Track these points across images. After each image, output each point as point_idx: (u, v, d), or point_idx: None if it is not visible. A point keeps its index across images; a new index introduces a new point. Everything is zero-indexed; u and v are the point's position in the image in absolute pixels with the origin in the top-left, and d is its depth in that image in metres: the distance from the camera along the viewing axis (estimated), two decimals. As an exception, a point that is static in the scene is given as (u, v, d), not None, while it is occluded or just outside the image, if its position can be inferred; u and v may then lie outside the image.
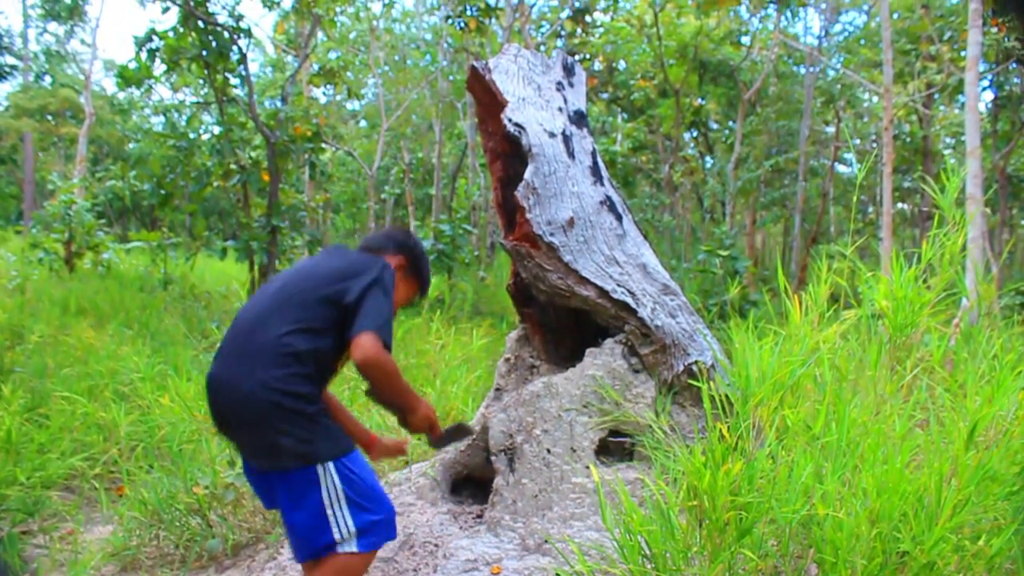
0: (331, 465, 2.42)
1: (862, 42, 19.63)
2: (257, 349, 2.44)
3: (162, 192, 10.23)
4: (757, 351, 2.47)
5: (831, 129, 21.26)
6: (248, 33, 9.28)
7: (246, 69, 9.58)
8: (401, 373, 2.52)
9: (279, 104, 10.13)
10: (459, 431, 2.87)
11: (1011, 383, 2.31)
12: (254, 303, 2.60)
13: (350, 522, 2.43)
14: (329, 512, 2.41)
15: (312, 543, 2.46)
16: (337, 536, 2.42)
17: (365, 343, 2.36)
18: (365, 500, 2.46)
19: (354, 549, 2.44)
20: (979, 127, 6.84)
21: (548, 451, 3.23)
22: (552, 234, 3.20)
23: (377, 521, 2.47)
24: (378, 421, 4.64)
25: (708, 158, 24.13)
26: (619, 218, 3.42)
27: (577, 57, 17.68)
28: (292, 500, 2.45)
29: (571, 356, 3.56)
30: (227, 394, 2.46)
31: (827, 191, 15.44)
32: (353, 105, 24.75)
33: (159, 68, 9.33)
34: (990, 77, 14.29)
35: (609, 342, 3.32)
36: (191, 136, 10.22)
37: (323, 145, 10.43)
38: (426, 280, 2.90)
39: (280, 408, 2.38)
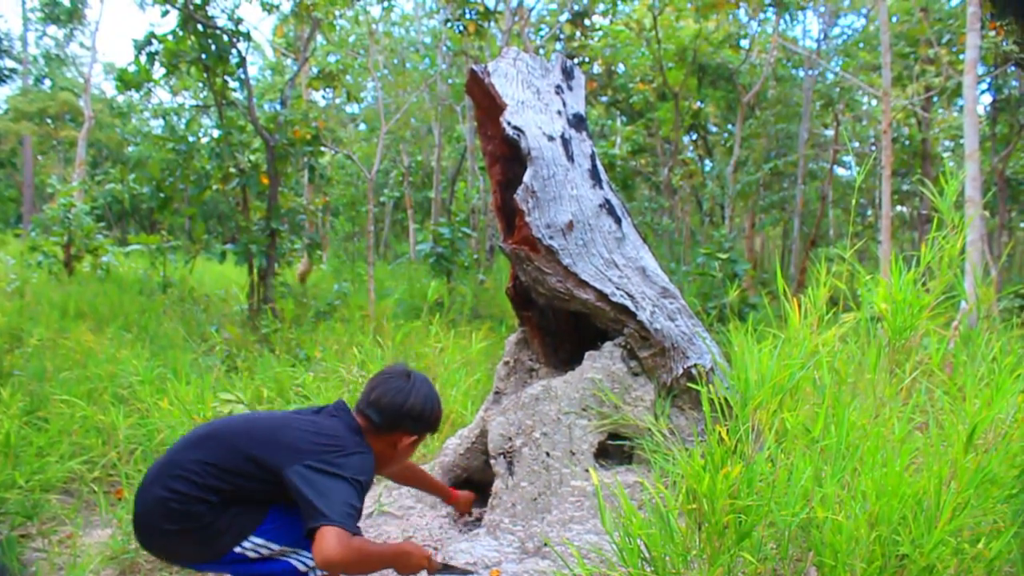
0: (246, 541, 2.43)
1: (861, 45, 19.67)
2: (171, 463, 2.45)
3: (161, 195, 10.23)
4: (756, 354, 2.47)
5: (830, 132, 21.28)
6: (247, 36, 9.28)
7: (245, 72, 9.58)
8: (368, 550, 2.34)
9: (278, 107, 10.12)
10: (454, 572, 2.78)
11: (1010, 386, 2.31)
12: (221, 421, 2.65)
13: (302, 554, 2.48)
14: (270, 563, 2.46)
15: None
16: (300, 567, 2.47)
17: (324, 543, 2.19)
18: (297, 531, 2.39)
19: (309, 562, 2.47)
20: (978, 130, 6.85)
21: (547, 454, 3.23)
22: (551, 237, 3.20)
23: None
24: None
25: (707, 161, 24.14)
26: (618, 221, 3.42)
27: (576, 60, 17.70)
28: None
29: (570, 359, 3.57)
30: (137, 504, 2.46)
31: (826, 194, 15.43)
32: (352, 108, 24.79)
33: (158, 71, 9.33)
34: (989, 80, 14.30)
35: (608, 345, 3.32)
36: (190, 139, 10.21)
37: (322, 148, 10.42)
38: (436, 428, 2.75)
39: (168, 527, 2.37)
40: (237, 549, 2.41)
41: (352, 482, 2.36)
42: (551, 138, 3.36)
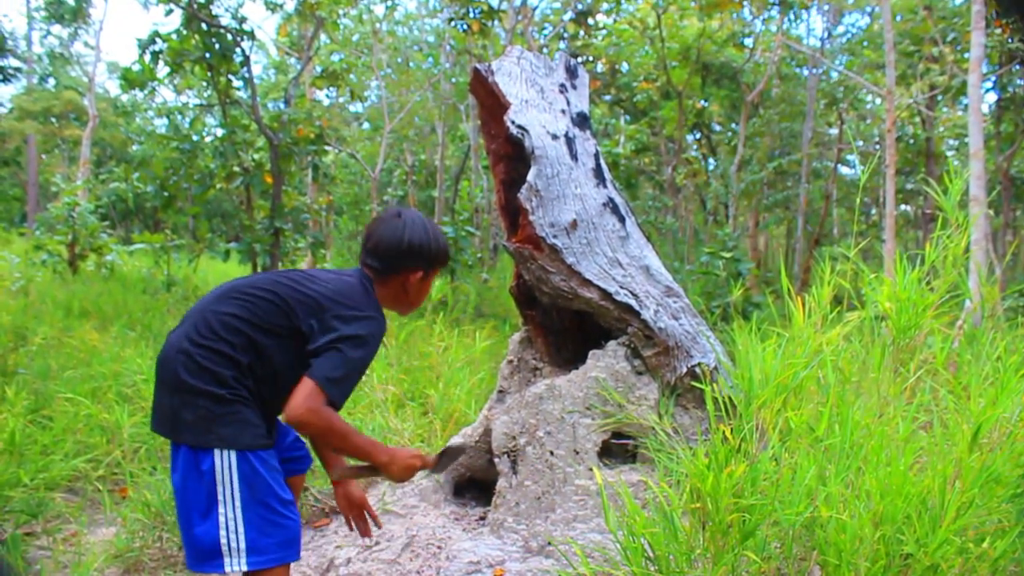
0: (232, 455, 2.17)
1: (865, 44, 19.63)
2: (200, 317, 2.30)
3: (165, 194, 10.26)
4: (760, 353, 2.47)
5: (834, 131, 21.24)
6: (251, 35, 9.30)
7: (249, 71, 9.60)
8: (337, 425, 2.23)
9: (282, 106, 10.14)
10: (451, 453, 2.72)
11: (1015, 385, 2.31)
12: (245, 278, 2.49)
13: (240, 530, 2.16)
14: (220, 509, 2.15)
15: (198, 542, 2.18)
16: (223, 542, 2.14)
17: (301, 398, 2.13)
18: (264, 510, 2.19)
19: (242, 567, 2.16)
20: (982, 129, 6.84)
21: (551, 453, 3.23)
22: (555, 236, 3.20)
23: (270, 536, 2.19)
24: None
25: (711, 160, 24.12)
26: (622, 220, 3.42)
27: (580, 59, 17.69)
28: (183, 482, 2.20)
29: (574, 358, 3.56)
30: (161, 354, 2.32)
31: (830, 193, 15.43)
32: (356, 107, 24.79)
33: (162, 70, 9.36)
34: (993, 79, 14.27)
35: (612, 344, 3.32)
36: (194, 138, 10.24)
37: (326, 147, 10.44)
38: (446, 260, 2.64)
39: (190, 381, 2.19)
40: (216, 454, 2.16)
41: (358, 347, 2.26)
42: (555, 137, 3.36)
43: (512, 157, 3.48)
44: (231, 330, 2.26)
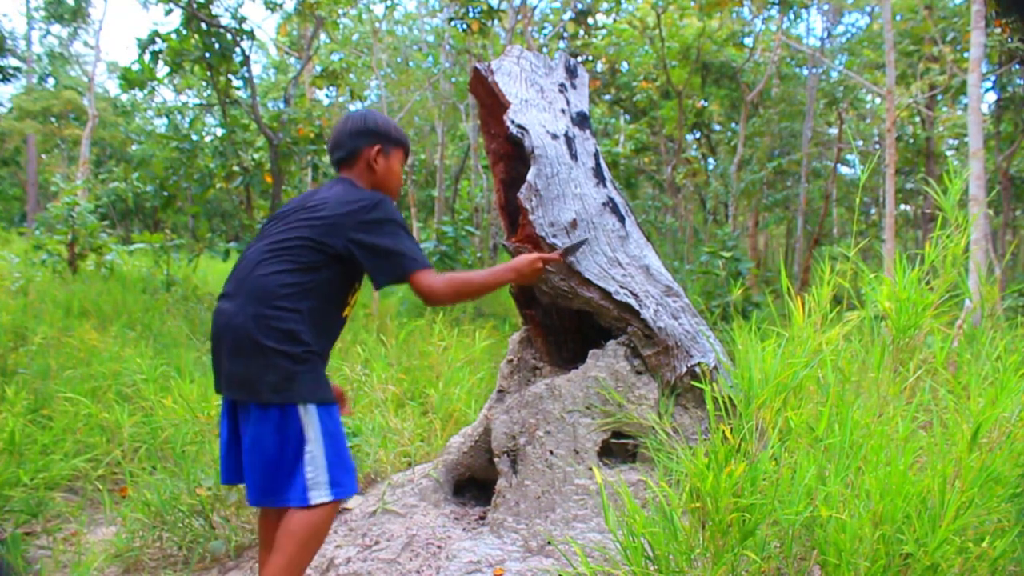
0: (312, 408, 2.47)
1: (865, 44, 19.63)
2: (252, 284, 2.51)
3: (165, 194, 10.25)
4: (760, 353, 2.47)
5: (834, 131, 21.25)
6: (251, 35, 9.29)
7: (249, 71, 9.60)
8: (469, 278, 2.69)
9: (282, 106, 10.14)
10: (575, 246, 3.06)
11: (1015, 385, 2.31)
12: (260, 237, 2.69)
13: (324, 469, 2.46)
14: (306, 453, 2.45)
15: (277, 485, 2.46)
16: (309, 478, 2.44)
17: (425, 286, 2.53)
18: (340, 451, 2.51)
19: (326, 496, 2.46)
20: (982, 129, 6.84)
21: (551, 453, 3.23)
22: (555, 236, 3.20)
23: (347, 472, 2.53)
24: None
25: (711, 160, 24.13)
26: (622, 220, 3.42)
27: (580, 59, 17.70)
28: (265, 436, 2.45)
29: (574, 358, 3.56)
30: (223, 325, 2.53)
31: (830, 193, 15.43)
32: (356, 107, 24.79)
33: (162, 70, 9.36)
34: (993, 78, 14.28)
35: (612, 344, 3.32)
36: (194, 138, 10.23)
37: (326, 147, 10.43)
38: (405, 140, 2.93)
39: (266, 343, 2.43)
40: (300, 409, 2.45)
41: (400, 224, 2.60)
42: (555, 136, 3.36)
43: (512, 156, 3.48)
44: (285, 285, 2.50)
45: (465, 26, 12.53)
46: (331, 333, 2.67)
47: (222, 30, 8.98)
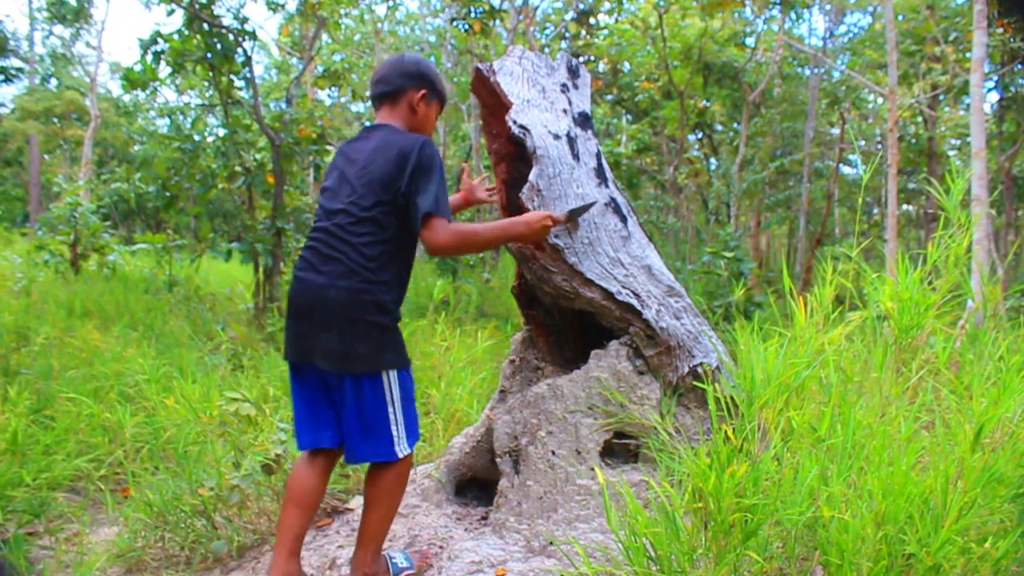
0: (394, 373, 2.73)
1: (867, 43, 19.61)
2: (341, 258, 2.67)
3: (167, 194, 10.23)
4: (762, 353, 2.47)
5: (836, 131, 21.24)
6: (253, 36, 9.28)
7: (251, 71, 9.59)
8: (474, 230, 2.77)
9: (284, 106, 10.12)
10: (580, 209, 3.12)
11: (1017, 385, 2.31)
12: (326, 204, 2.83)
13: (402, 423, 2.76)
14: (391, 414, 2.72)
15: (366, 444, 2.74)
16: (395, 435, 2.73)
17: (432, 235, 2.63)
18: (412, 410, 2.82)
19: (407, 448, 2.78)
20: (984, 128, 6.83)
21: (553, 453, 3.23)
22: (556, 236, 3.20)
23: (415, 422, 2.84)
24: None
25: (713, 160, 24.10)
26: (624, 220, 3.42)
27: (581, 59, 17.69)
28: (359, 403, 2.70)
29: (576, 358, 3.56)
30: (312, 298, 2.70)
31: (832, 193, 15.39)
32: (358, 107, 24.80)
33: (164, 70, 9.34)
34: (995, 78, 14.26)
35: (614, 344, 3.32)
36: (196, 138, 10.21)
37: (328, 147, 10.41)
38: (445, 93, 3.06)
39: (359, 317, 2.64)
40: (384, 375, 2.70)
41: (438, 169, 2.70)
42: (557, 137, 3.36)
43: (514, 157, 3.48)
44: (372, 258, 2.68)
45: (467, 26, 12.53)
46: (405, 293, 2.87)
47: (224, 30, 8.98)
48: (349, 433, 2.76)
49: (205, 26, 8.85)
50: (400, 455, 2.76)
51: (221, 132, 10.42)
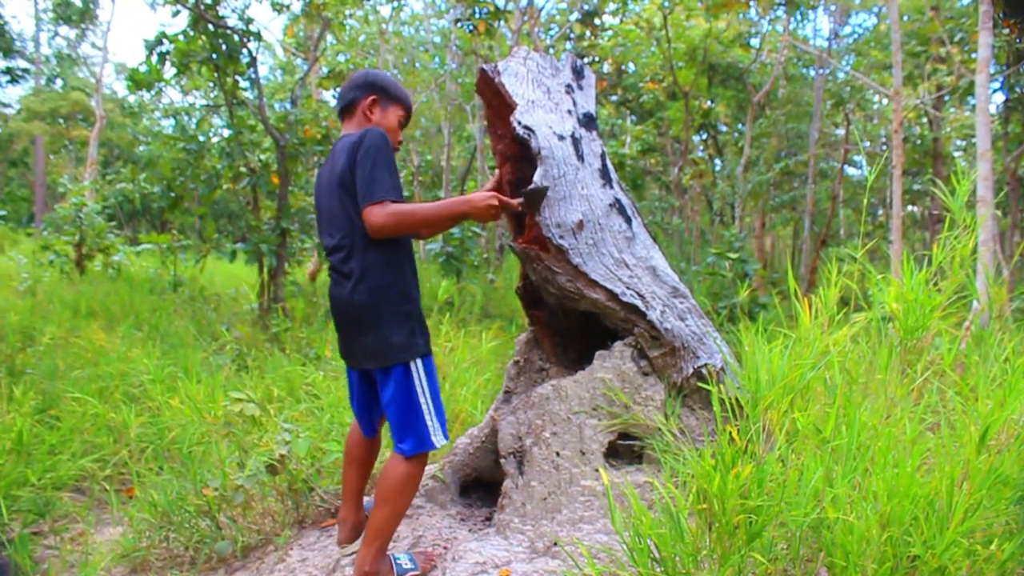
0: (419, 362, 2.86)
1: (872, 44, 19.58)
2: (351, 269, 2.85)
3: (172, 195, 10.25)
4: (767, 354, 2.47)
5: (841, 132, 21.20)
6: (258, 36, 9.29)
7: (256, 72, 9.60)
8: (411, 209, 2.78)
9: (289, 107, 10.14)
10: (535, 193, 3.08)
11: (1023, 386, 2.30)
12: (327, 222, 2.97)
13: (434, 413, 2.88)
14: (423, 404, 2.86)
15: (406, 431, 2.85)
16: (429, 422, 2.85)
17: (369, 220, 2.71)
18: (438, 398, 2.92)
19: (443, 441, 2.90)
20: (990, 129, 6.81)
21: (557, 454, 3.23)
22: (561, 237, 3.19)
23: (444, 418, 2.93)
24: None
25: (717, 161, 24.09)
26: (628, 221, 3.42)
27: (586, 60, 17.68)
28: (389, 392, 2.85)
29: (580, 359, 3.56)
30: (342, 307, 2.92)
31: (837, 194, 15.37)
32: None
33: (169, 71, 9.35)
34: (1001, 79, 14.22)
35: (618, 345, 3.32)
36: (201, 139, 10.23)
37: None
38: (404, 98, 3.14)
39: (384, 311, 2.83)
40: (411, 364, 2.85)
41: (380, 152, 2.77)
42: (561, 137, 3.35)
43: (518, 157, 3.48)
44: (376, 261, 2.85)
45: (471, 27, 12.52)
46: (414, 267, 3.01)
47: (229, 31, 8.99)
48: (391, 422, 2.91)
49: (210, 27, 8.86)
50: (436, 445, 2.87)
51: (226, 133, 10.43)
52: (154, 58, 9.02)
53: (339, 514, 3.23)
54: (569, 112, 3.57)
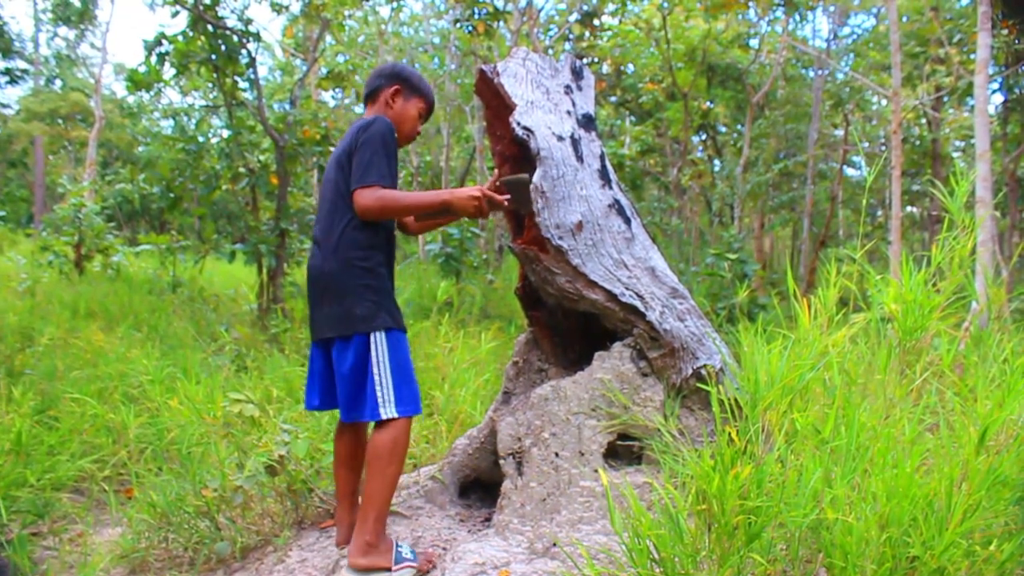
0: (382, 335, 2.92)
1: (871, 45, 19.59)
2: (331, 234, 2.98)
3: (171, 195, 10.24)
4: (766, 355, 2.47)
5: (840, 132, 21.22)
6: (257, 37, 9.29)
7: (255, 73, 9.60)
8: (397, 195, 2.89)
9: (288, 108, 10.14)
10: (519, 184, 3.15)
11: (1022, 387, 2.30)
12: (325, 182, 3.13)
13: (389, 386, 2.91)
14: (376, 375, 2.91)
15: (356, 403, 2.95)
16: (380, 397, 2.89)
17: (357, 201, 2.85)
18: (404, 373, 2.96)
19: (394, 414, 2.90)
20: (988, 130, 6.82)
21: (556, 455, 3.23)
22: (560, 237, 3.20)
23: (411, 393, 2.97)
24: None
25: (716, 161, 24.10)
26: (628, 221, 3.42)
27: (585, 60, 17.69)
28: (347, 362, 2.93)
29: (579, 360, 3.56)
30: (315, 273, 3.04)
31: (836, 194, 15.37)
32: (361, 108, 24.79)
33: (168, 72, 9.34)
34: (1000, 80, 14.23)
35: (617, 346, 3.32)
36: (200, 139, 10.21)
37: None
38: (427, 92, 3.29)
39: (349, 283, 2.93)
40: (372, 335, 2.93)
41: (381, 142, 2.90)
42: (560, 138, 3.35)
43: (518, 158, 3.48)
44: (357, 228, 2.96)
45: (471, 28, 12.52)
46: (391, 251, 3.15)
47: (228, 32, 8.99)
48: (341, 394, 3.00)
49: (209, 27, 8.86)
50: (383, 416, 2.89)
51: (225, 133, 10.42)
52: (153, 59, 9.02)
53: (335, 515, 3.29)
54: (568, 113, 3.57)
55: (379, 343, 2.92)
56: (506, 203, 3.14)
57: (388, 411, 2.90)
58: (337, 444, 3.27)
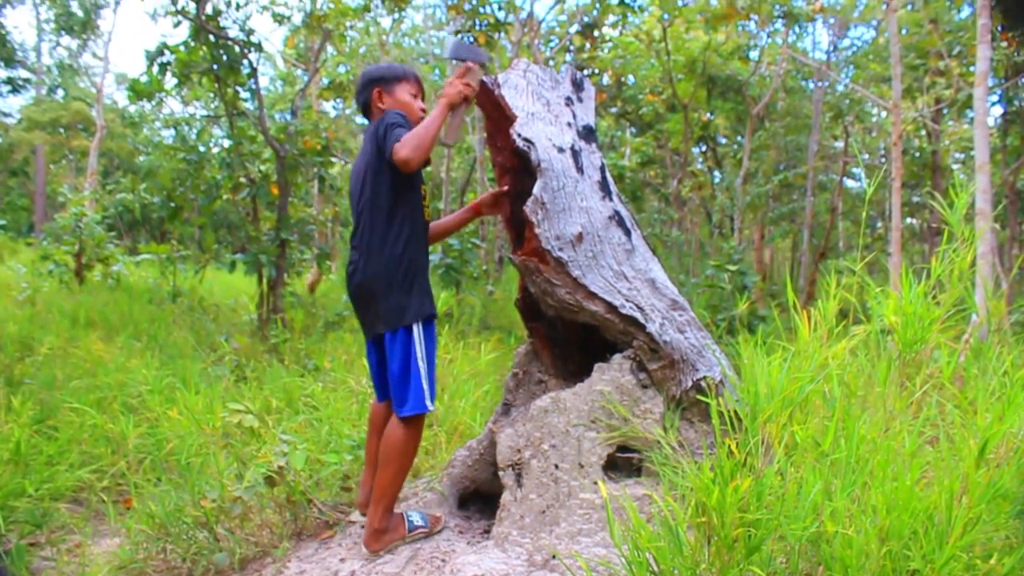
0: (419, 326, 3.13)
1: (871, 57, 19.64)
2: (368, 238, 3.16)
3: (172, 205, 10.26)
4: (766, 367, 2.46)
5: (840, 144, 21.26)
6: (259, 47, 9.33)
7: (256, 83, 9.63)
8: (418, 132, 2.98)
9: (289, 118, 10.17)
10: (465, 49, 3.39)
11: (1022, 400, 2.30)
12: (353, 210, 3.28)
13: (427, 377, 3.13)
14: (419, 365, 3.11)
15: (404, 391, 3.12)
16: (424, 386, 3.11)
17: (397, 158, 2.94)
18: (433, 364, 3.18)
19: (429, 406, 3.14)
20: (988, 142, 6.83)
21: (556, 466, 3.22)
22: (561, 249, 3.20)
23: (431, 389, 3.16)
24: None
25: (716, 173, 24.13)
26: (628, 233, 3.42)
27: (586, 72, 17.73)
28: (398, 356, 3.12)
29: (579, 371, 3.56)
30: (357, 281, 3.20)
31: (836, 206, 15.39)
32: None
33: (170, 82, 9.38)
34: (999, 92, 14.26)
35: (617, 357, 3.32)
36: (201, 149, 10.25)
37: (332, 159, 10.44)
38: (402, 73, 3.40)
39: (391, 283, 3.11)
40: (413, 327, 3.12)
41: (395, 119, 3.07)
42: (561, 150, 3.36)
43: (518, 170, 3.49)
44: (391, 225, 3.14)
45: (472, 39, 12.57)
46: (425, 238, 3.31)
47: (230, 42, 9.02)
48: (392, 387, 3.18)
49: (211, 38, 8.89)
50: (431, 407, 3.13)
51: (226, 143, 10.46)
52: (155, 68, 9.05)
53: (361, 478, 3.57)
54: (569, 124, 3.58)
55: (419, 334, 3.12)
56: (506, 190, 3.48)
57: (430, 403, 3.14)
58: (373, 413, 3.50)
